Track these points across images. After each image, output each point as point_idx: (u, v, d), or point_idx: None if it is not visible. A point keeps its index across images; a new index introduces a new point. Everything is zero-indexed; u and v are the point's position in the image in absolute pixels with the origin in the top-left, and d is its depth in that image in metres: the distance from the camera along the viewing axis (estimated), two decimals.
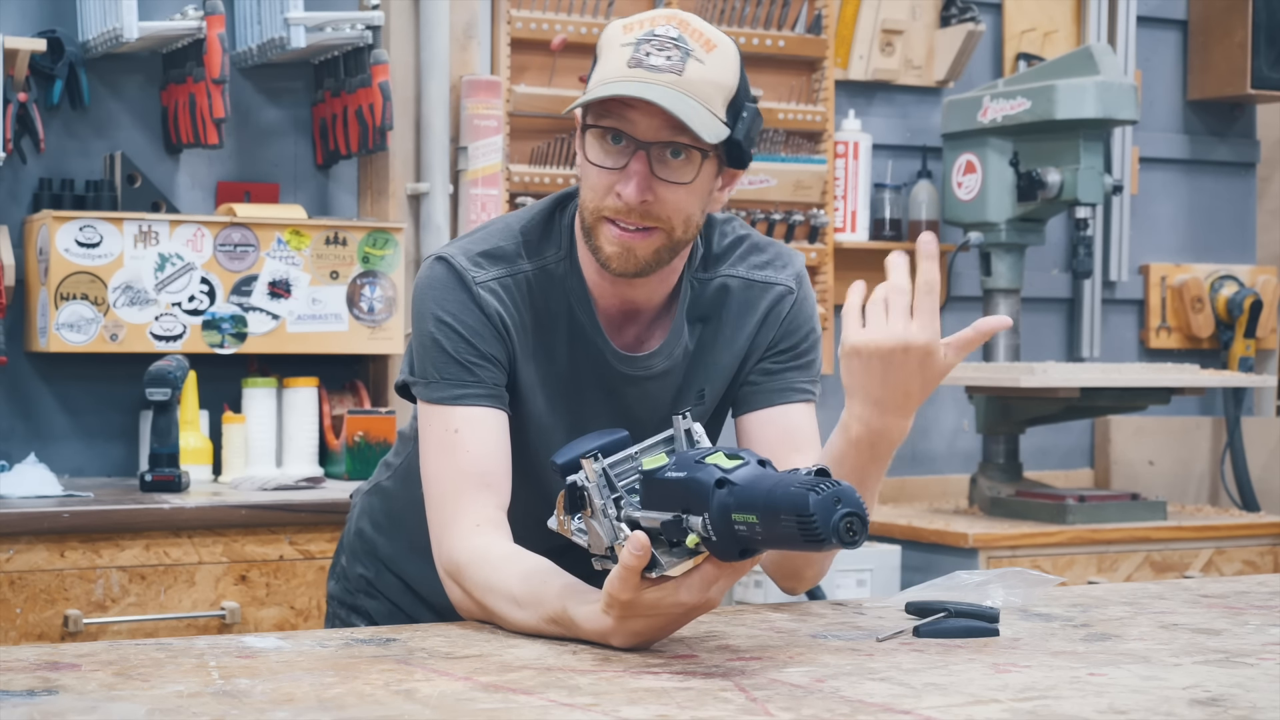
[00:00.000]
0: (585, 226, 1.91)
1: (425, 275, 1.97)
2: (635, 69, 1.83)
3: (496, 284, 1.95)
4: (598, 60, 1.89)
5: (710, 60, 1.86)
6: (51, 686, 1.44)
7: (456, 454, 1.90)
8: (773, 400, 2.04)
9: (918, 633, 1.76)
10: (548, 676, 1.51)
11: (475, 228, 2.04)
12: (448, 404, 1.92)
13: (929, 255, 1.84)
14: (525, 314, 1.96)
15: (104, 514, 3.10)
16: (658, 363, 2.01)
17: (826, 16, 4.40)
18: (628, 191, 1.85)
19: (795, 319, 2.06)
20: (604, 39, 1.89)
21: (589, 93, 1.86)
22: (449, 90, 3.88)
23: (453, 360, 1.92)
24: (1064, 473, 4.80)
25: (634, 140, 1.85)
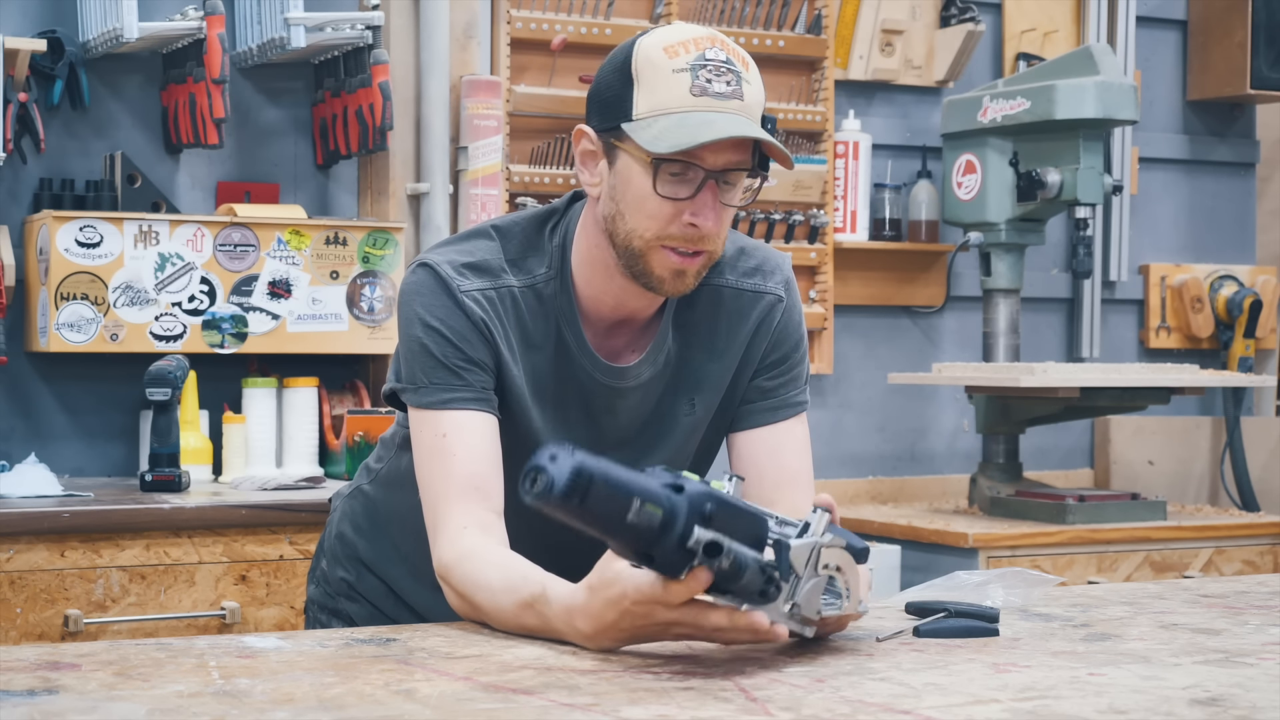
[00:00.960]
0: (633, 252, 1.89)
1: (410, 281, 1.96)
2: (702, 97, 1.83)
3: (480, 295, 1.94)
4: (638, 83, 1.86)
5: (752, 79, 1.88)
6: (52, 686, 1.44)
7: (446, 459, 1.90)
8: (765, 420, 2.07)
9: (918, 633, 1.77)
10: (548, 676, 1.51)
11: (457, 235, 2.02)
12: (436, 409, 1.92)
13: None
14: (509, 326, 1.96)
15: (104, 514, 3.10)
16: (643, 371, 2.01)
17: (826, 16, 4.40)
18: (706, 223, 1.86)
19: (785, 328, 2.07)
20: (644, 61, 1.86)
21: (665, 129, 1.82)
22: (449, 90, 3.88)
23: (440, 365, 1.92)
24: (1064, 473, 4.80)
25: (701, 169, 1.85)
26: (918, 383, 4.39)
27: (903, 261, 4.61)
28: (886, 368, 4.54)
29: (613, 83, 1.89)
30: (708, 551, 1.50)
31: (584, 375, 1.99)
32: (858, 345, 4.56)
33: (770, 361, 2.06)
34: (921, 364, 4.61)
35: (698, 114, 1.83)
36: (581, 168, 1.94)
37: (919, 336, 4.68)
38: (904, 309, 4.67)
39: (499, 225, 2.01)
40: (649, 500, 1.50)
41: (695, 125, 1.82)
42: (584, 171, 1.94)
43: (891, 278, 4.60)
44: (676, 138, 1.82)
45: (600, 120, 1.91)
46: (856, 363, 4.56)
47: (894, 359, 4.61)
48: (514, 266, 1.97)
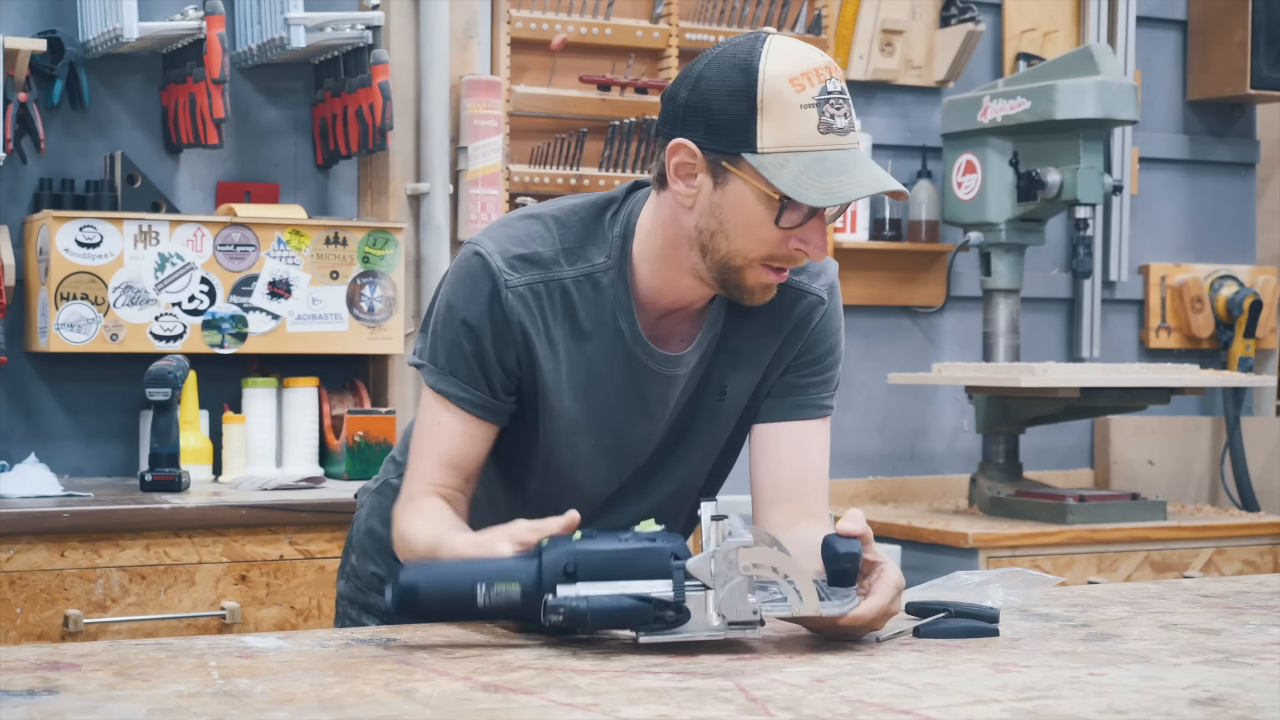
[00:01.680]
0: (731, 268, 1.92)
1: (462, 265, 1.99)
2: (828, 135, 1.86)
3: (527, 290, 1.96)
4: (764, 114, 1.85)
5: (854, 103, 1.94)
6: (52, 686, 1.44)
7: (437, 440, 2.00)
8: (789, 415, 2.08)
9: (918, 633, 1.77)
10: (548, 676, 1.51)
11: (515, 218, 2.03)
12: (446, 398, 1.99)
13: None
14: (554, 319, 1.98)
15: (104, 514, 3.10)
16: (692, 358, 2.03)
17: (826, 16, 4.40)
18: (816, 250, 1.90)
19: (823, 330, 2.08)
20: (771, 93, 1.85)
21: (802, 171, 1.84)
22: (449, 90, 3.88)
23: (464, 360, 1.97)
24: (1064, 473, 4.80)
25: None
26: (918, 383, 4.39)
27: (903, 261, 4.61)
28: (887, 368, 4.54)
29: (729, 107, 1.87)
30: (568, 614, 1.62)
31: (637, 364, 2.00)
32: (858, 345, 4.56)
33: (803, 361, 2.08)
34: (921, 364, 4.61)
35: (830, 155, 1.85)
36: (675, 178, 1.92)
37: (919, 336, 4.68)
38: (904, 309, 4.67)
39: (558, 214, 2.02)
40: (498, 580, 1.65)
41: (831, 173, 1.84)
42: (680, 183, 1.92)
43: (892, 278, 4.60)
44: (822, 189, 1.84)
45: (712, 140, 1.88)
46: (857, 363, 4.56)
47: (894, 359, 4.61)
48: (570, 255, 1.99)
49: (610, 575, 1.65)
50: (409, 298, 3.84)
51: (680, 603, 1.63)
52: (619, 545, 1.66)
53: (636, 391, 2.01)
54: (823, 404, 2.09)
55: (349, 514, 3.28)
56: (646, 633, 1.63)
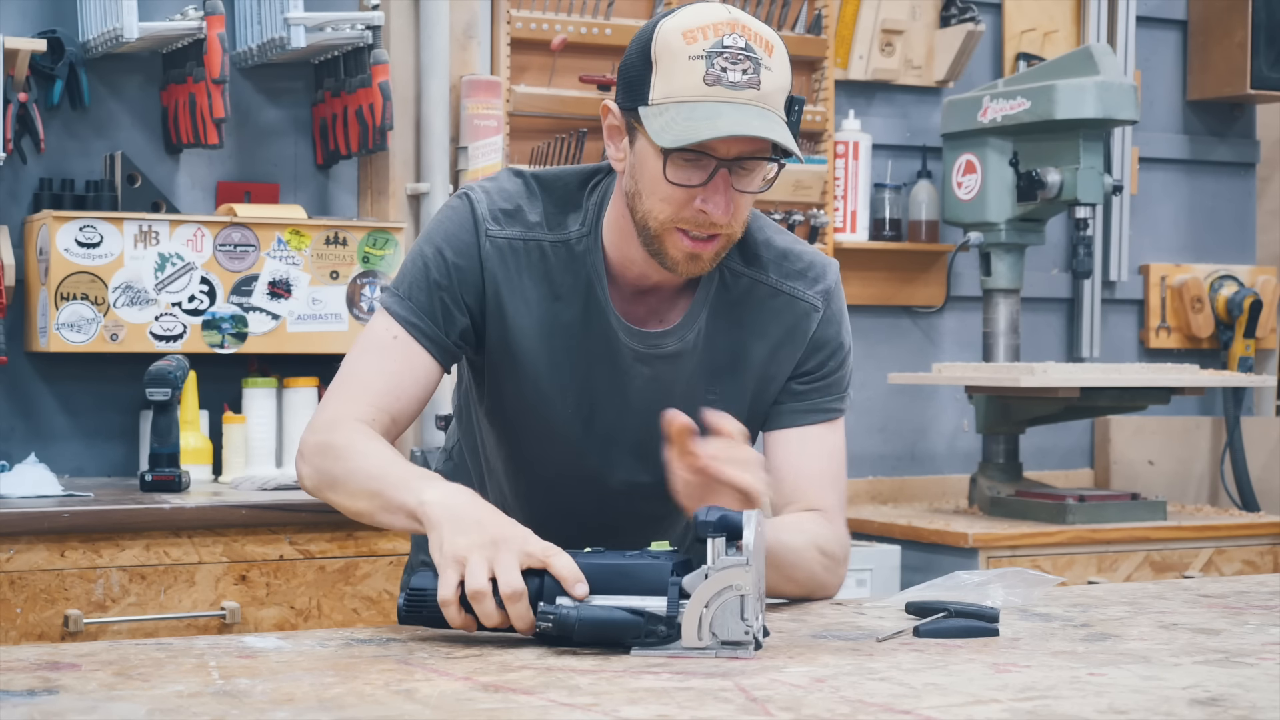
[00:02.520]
0: (649, 233, 1.91)
1: (449, 207, 2.02)
2: (715, 87, 1.83)
3: (506, 243, 1.98)
4: (655, 67, 1.86)
5: (775, 65, 1.88)
6: (52, 686, 1.44)
7: (386, 358, 1.97)
8: (796, 421, 2.07)
9: (918, 633, 1.77)
10: (548, 676, 1.51)
11: (505, 175, 2.05)
12: (399, 321, 1.97)
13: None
14: (529, 278, 1.98)
15: (104, 514, 3.10)
16: (669, 343, 2.01)
17: (826, 16, 4.40)
18: (716, 211, 1.87)
19: (822, 338, 2.07)
20: (662, 45, 1.86)
21: (674, 119, 1.83)
22: (449, 90, 3.88)
23: (425, 289, 1.98)
24: (1064, 473, 4.80)
25: (713, 158, 1.86)
26: (918, 383, 4.39)
27: (903, 261, 4.61)
28: (886, 368, 4.54)
29: (635, 63, 1.90)
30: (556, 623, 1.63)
31: (610, 334, 2.00)
32: (858, 345, 4.50)
33: (806, 370, 2.07)
34: (921, 364, 4.61)
35: (707, 104, 1.83)
36: (609, 142, 1.96)
37: (919, 336, 4.68)
38: (904, 309, 4.67)
39: (542, 178, 2.04)
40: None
41: (702, 118, 1.82)
42: (610, 145, 1.96)
43: (891, 278, 4.60)
44: (681, 131, 1.83)
45: (623, 98, 1.92)
46: (857, 363, 4.50)
47: (894, 359, 4.61)
48: (549, 220, 2.00)
49: (609, 589, 1.65)
50: None
51: (673, 618, 1.63)
52: (620, 560, 1.67)
53: (610, 361, 2.01)
54: (829, 408, 2.08)
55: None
56: (639, 647, 1.64)
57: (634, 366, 2.01)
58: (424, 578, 1.72)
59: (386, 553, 3.29)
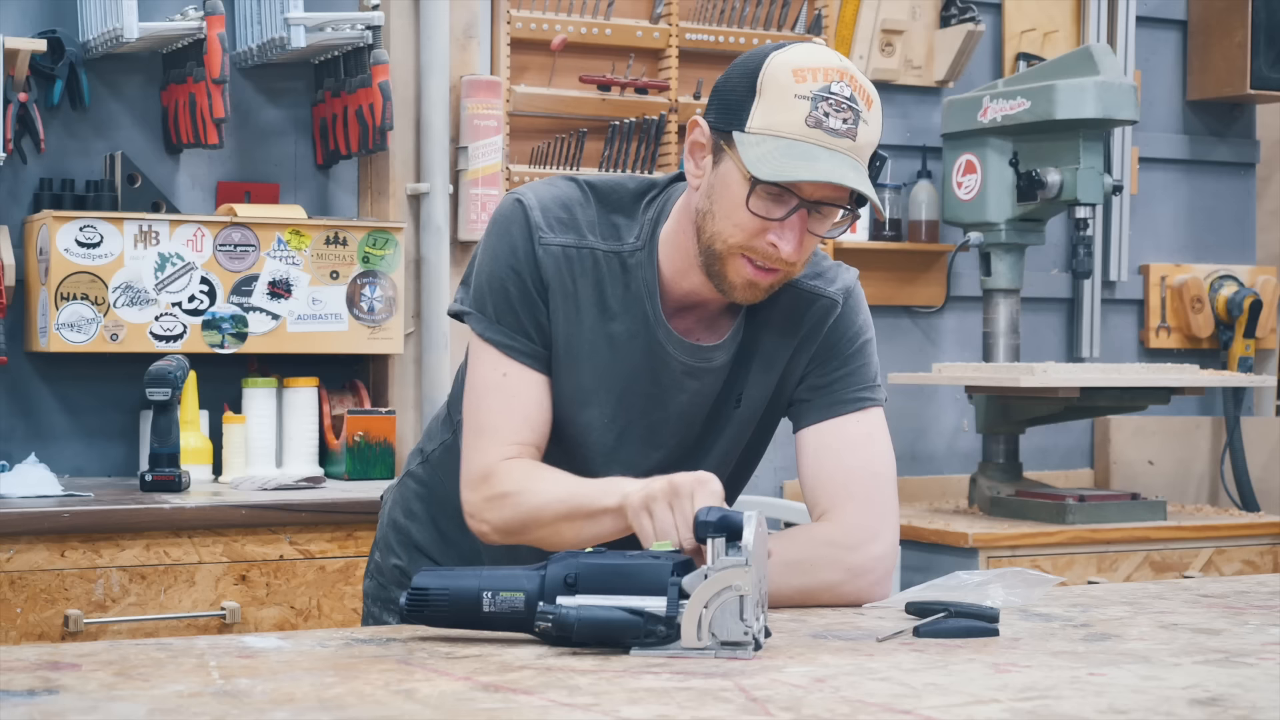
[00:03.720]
0: (714, 253, 1.92)
1: (504, 215, 2.01)
2: (815, 130, 1.85)
3: (560, 250, 1.98)
4: (760, 96, 1.87)
5: (871, 119, 1.89)
6: (52, 686, 1.44)
7: (506, 395, 1.98)
8: (823, 415, 2.05)
9: (918, 633, 1.76)
10: (548, 676, 1.51)
11: (561, 179, 2.05)
12: (500, 350, 1.99)
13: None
14: (580, 287, 1.99)
15: (104, 514, 3.10)
16: (718, 356, 2.02)
17: (826, 16, 4.40)
18: (787, 249, 1.88)
19: (839, 329, 2.06)
20: (770, 77, 1.87)
21: (770, 153, 1.84)
22: (449, 90, 3.88)
23: (510, 309, 1.98)
24: (1064, 473, 4.80)
25: (797, 197, 1.87)
26: (918, 383, 4.39)
27: (903, 261, 4.61)
28: (887, 368, 4.52)
29: (737, 86, 1.90)
30: (556, 623, 1.64)
31: (658, 348, 2.00)
32: None
33: (823, 360, 2.05)
34: (921, 364, 4.61)
35: (805, 145, 1.85)
36: (689, 157, 1.96)
37: (919, 336, 4.68)
38: (904, 309, 4.67)
39: (598, 186, 2.04)
40: (503, 589, 1.68)
41: (799, 158, 1.84)
42: (690, 161, 1.95)
43: (891, 278, 4.60)
44: (776, 166, 1.84)
45: (716, 119, 1.92)
46: None
47: (894, 359, 4.61)
48: (603, 230, 2.01)
49: (610, 589, 1.65)
50: (409, 298, 3.84)
51: (672, 619, 1.63)
52: (620, 560, 1.67)
53: (653, 376, 2.01)
54: (857, 396, 2.05)
55: (349, 514, 3.29)
56: (639, 647, 1.64)
57: (681, 380, 2.02)
58: (424, 577, 1.72)
59: None
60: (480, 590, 1.69)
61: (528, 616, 1.67)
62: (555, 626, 1.64)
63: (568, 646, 1.65)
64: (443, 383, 3.83)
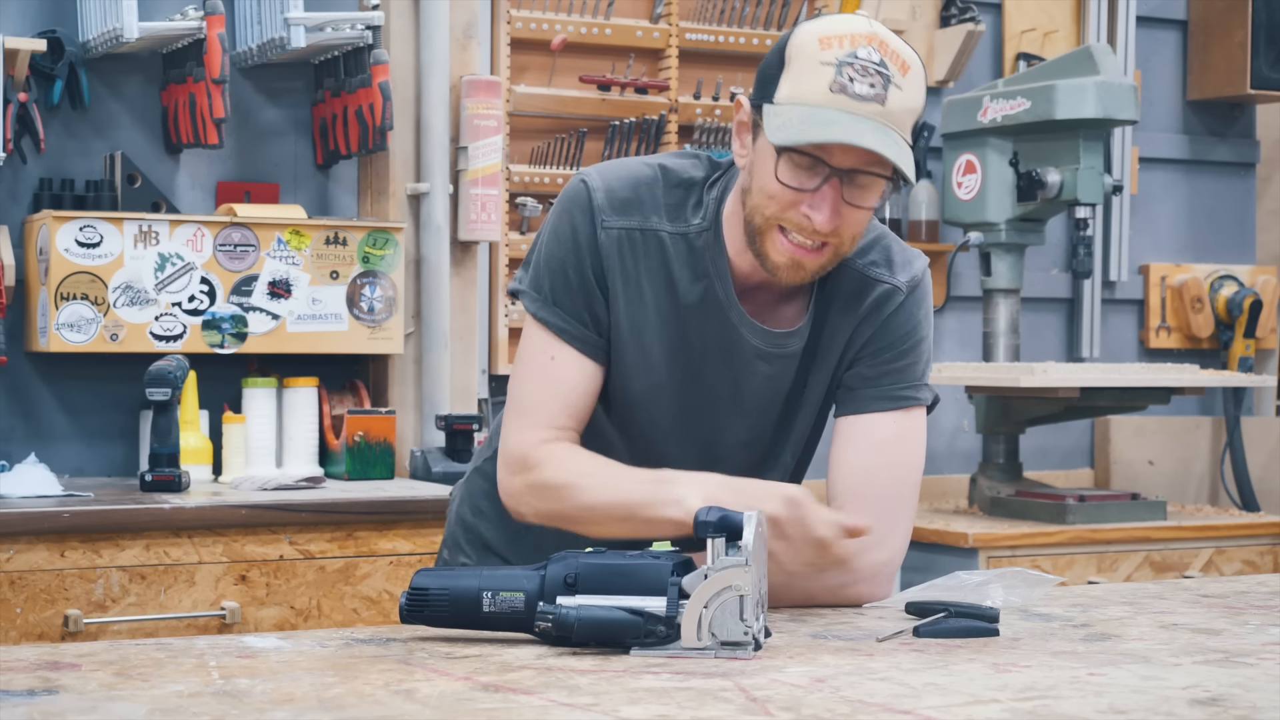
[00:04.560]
0: (753, 229, 1.91)
1: (568, 196, 2.00)
2: (839, 95, 1.83)
3: (623, 233, 1.97)
4: (787, 67, 1.87)
5: (907, 85, 1.88)
6: (52, 686, 1.44)
7: (550, 378, 1.97)
8: (862, 407, 2.03)
9: (918, 633, 1.77)
10: (548, 676, 1.51)
11: (630, 161, 2.04)
12: (553, 332, 1.98)
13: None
14: (645, 270, 1.97)
15: (104, 514, 3.10)
16: (792, 342, 2.01)
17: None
18: (820, 218, 1.86)
19: (897, 319, 2.03)
20: (796, 47, 1.87)
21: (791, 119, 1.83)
22: (449, 90, 3.88)
23: (569, 291, 1.97)
24: (1064, 473, 4.80)
25: (827, 166, 1.85)
26: None
27: None
28: None
29: (771, 61, 1.91)
30: (556, 623, 1.64)
31: (731, 330, 1.99)
32: None
33: (875, 349, 2.03)
34: None
35: (827, 110, 1.83)
36: (735, 136, 1.96)
37: None
38: None
39: (668, 167, 2.02)
40: (503, 589, 1.68)
41: (819, 123, 1.82)
42: (737, 141, 1.96)
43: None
44: (794, 131, 1.83)
45: (754, 95, 1.92)
46: None
47: None
48: (670, 213, 1.99)
49: (609, 589, 1.66)
50: (409, 298, 3.84)
51: (672, 618, 1.63)
52: (620, 560, 1.67)
53: (727, 356, 2.00)
54: (900, 394, 2.02)
55: (349, 514, 3.30)
56: (639, 647, 1.64)
57: (753, 363, 2.00)
58: (424, 577, 1.72)
59: (386, 553, 3.29)
60: (480, 590, 1.69)
61: (528, 616, 1.67)
62: (555, 626, 1.64)
63: (568, 646, 1.65)
64: (442, 383, 3.83)
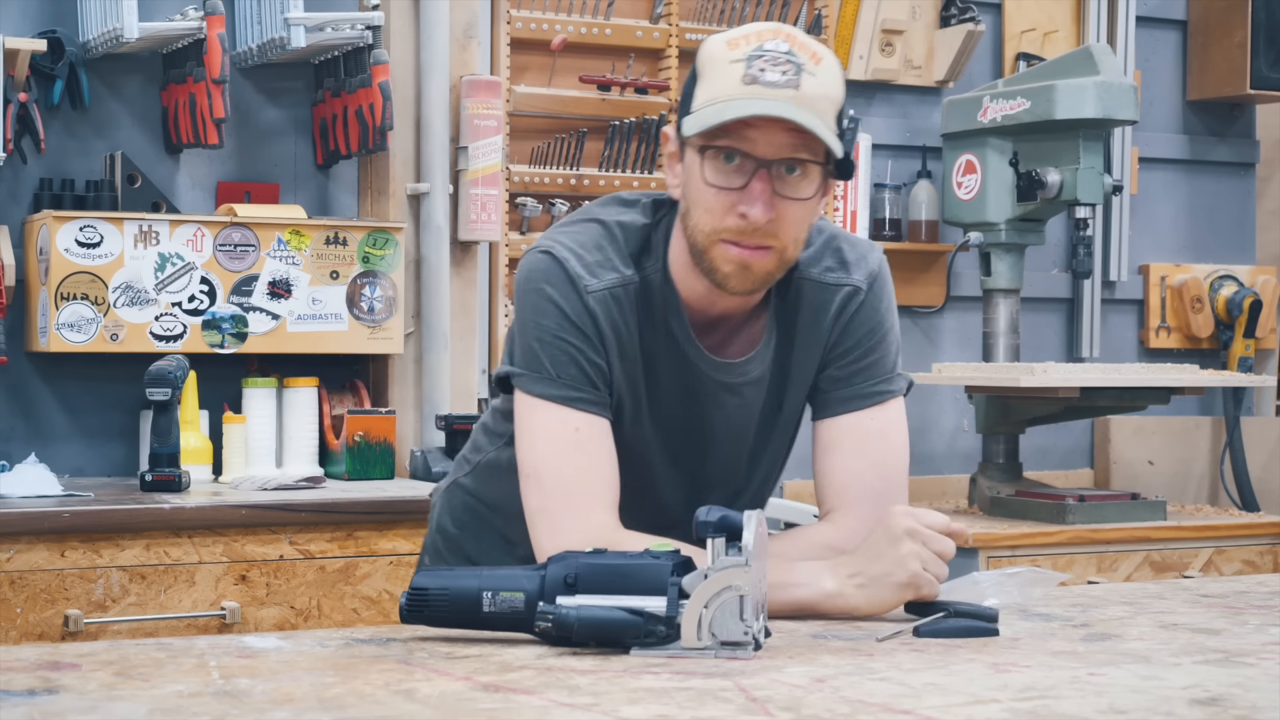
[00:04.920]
0: (698, 248, 1.90)
1: (541, 269, 1.94)
2: (752, 85, 1.82)
3: (608, 294, 1.94)
4: (700, 78, 1.87)
5: (821, 73, 1.85)
6: (52, 686, 1.44)
7: (583, 454, 1.91)
8: (841, 409, 2.02)
9: (918, 633, 1.77)
10: (548, 676, 1.51)
11: (578, 221, 2.00)
12: (566, 405, 1.92)
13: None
14: (631, 325, 1.95)
15: (104, 514, 3.10)
16: (753, 369, 2.00)
17: (826, 16, 4.40)
18: (754, 212, 1.84)
19: (860, 317, 2.03)
20: (706, 55, 1.87)
21: (706, 114, 1.83)
22: (449, 90, 3.88)
23: (572, 361, 1.92)
24: (1064, 473, 4.80)
25: (753, 159, 1.84)
26: (918, 382, 4.35)
27: (903, 261, 4.61)
28: None
29: (687, 81, 1.92)
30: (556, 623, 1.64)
31: (691, 366, 1.98)
32: None
33: (842, 350, 2.03)
34: (921, 364, 4.61)
35: (741, 101, 1.82)
36: (667, 169, 1.96)
37: (919, 336, 4.68)
38: (904, 309, 4.67)
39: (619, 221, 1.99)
40: (503, 589, 1.68)
41: (732, 108, 1.82)
42: (669, 173, 1.95)
43: (892, 277, 4.59)
44: (705, 119, 1.83)
45: (678, 120, 1.92)
46: None
47: None
48: (636, 261, 1.97)
49: (610, 589, 1.65)
50: (409, 298, 3.84)
51: (672, 619, 1.63)
52: (620, 560, 1.67)
53: (692, 395, 1.99)
54: (875, 390, 2.02)
55: (349, 514, 3.30)
56: (639, 647, 1.64)
57: (719, 396, 2.00)
58: (424, 577, 1.72)
59: (386, 553, 3.29)
60: (480, 590, 1.69)
61: (528, 616, 1.67)
62: (555, 626, 1.64)
63: (568, 646, 1.65)
64: (442, 383, 3.83)
